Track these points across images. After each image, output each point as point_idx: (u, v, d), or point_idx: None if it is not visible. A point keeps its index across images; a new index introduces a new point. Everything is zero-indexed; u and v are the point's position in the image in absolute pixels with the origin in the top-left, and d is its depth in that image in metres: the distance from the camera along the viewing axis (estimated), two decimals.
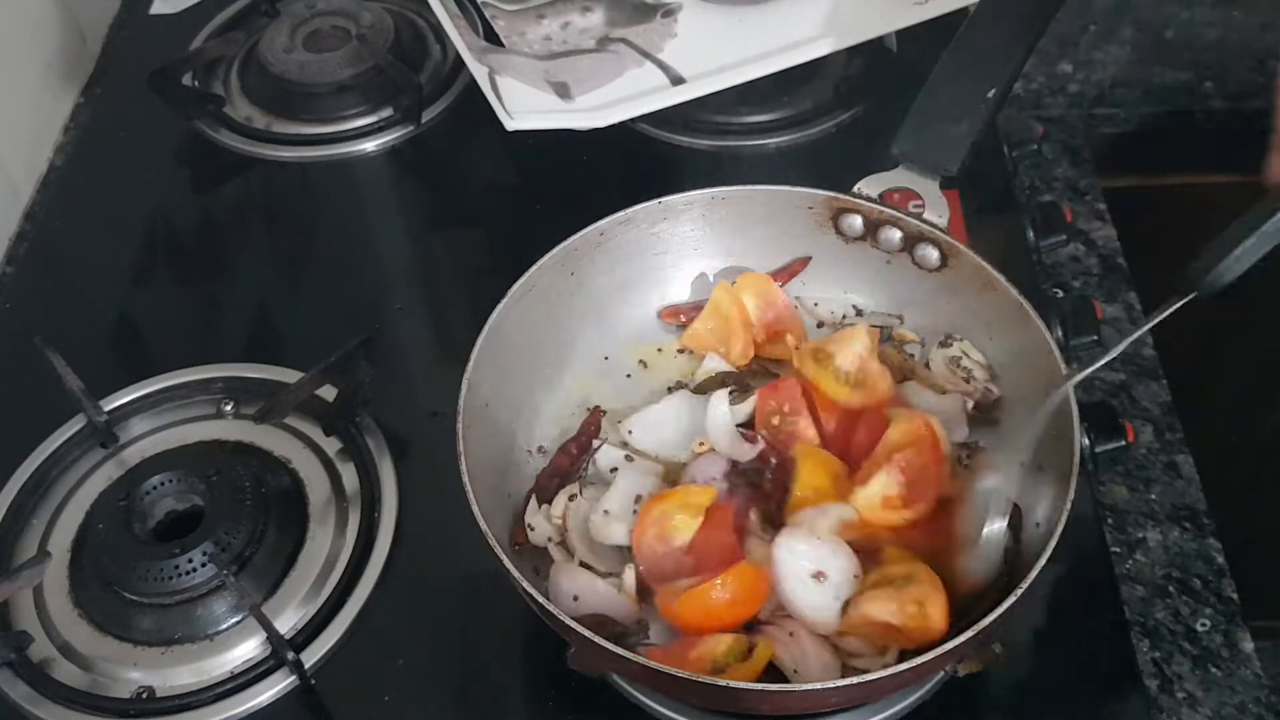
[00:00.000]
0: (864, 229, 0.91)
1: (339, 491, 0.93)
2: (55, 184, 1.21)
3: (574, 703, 0.81)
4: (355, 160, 1.21)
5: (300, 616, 0.86)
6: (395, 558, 0.89)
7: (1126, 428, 0.90)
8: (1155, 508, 0.92)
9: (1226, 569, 0.88)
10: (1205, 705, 0.82)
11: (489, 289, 0.86)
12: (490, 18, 1.21)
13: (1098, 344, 0.96)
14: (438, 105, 1.23)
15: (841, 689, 0.68)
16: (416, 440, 0.95)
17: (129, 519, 0.87)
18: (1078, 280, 1.06)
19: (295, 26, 1.28)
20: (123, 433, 0.98)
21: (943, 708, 0.79)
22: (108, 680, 0.84)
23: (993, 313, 0.86)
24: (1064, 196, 1.13)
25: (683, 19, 1.19)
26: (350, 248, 1.14)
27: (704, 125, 1.17)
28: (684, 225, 0.93)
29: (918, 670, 0.68)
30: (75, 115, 1.29)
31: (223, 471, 0.89)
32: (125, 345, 1.07)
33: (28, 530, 0.92)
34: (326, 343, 0.94)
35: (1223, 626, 0.85)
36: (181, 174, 1.22)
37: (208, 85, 1.28)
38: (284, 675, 0.83)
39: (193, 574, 0.84)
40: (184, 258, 1.15)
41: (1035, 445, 0.77)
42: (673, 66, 1.14)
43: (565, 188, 1.14)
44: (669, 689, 0.76)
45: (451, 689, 0.84)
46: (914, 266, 0.90)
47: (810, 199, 0.91)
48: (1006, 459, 0.78)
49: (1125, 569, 0.88)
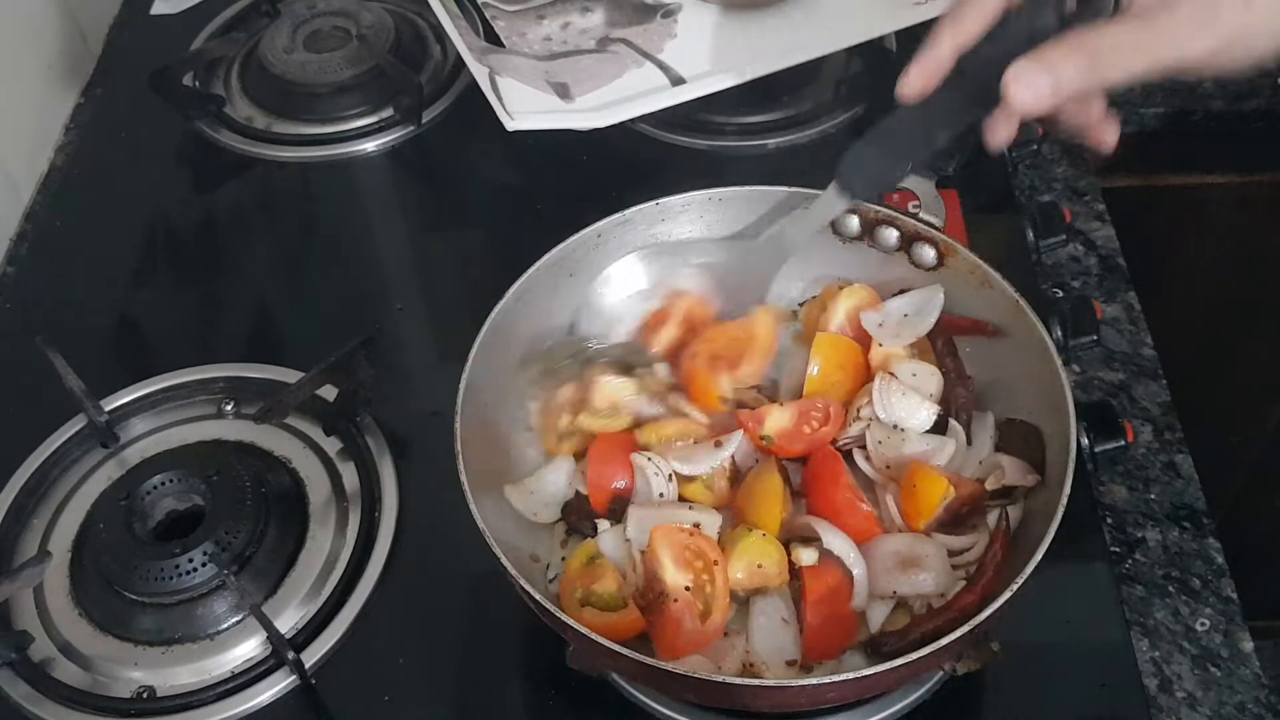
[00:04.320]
0: (861, 229, 0.91)
1: (339, 491, 0.93)
2: (56, 184, 1.22)
3: (574, 703, 0.81)
4: (355, 160, 1.21)
5: (300, 616, 0.86)
6: (395, 558, 0.89)
7: (1126, 427, 0.90)
8: (1155, 507, 0.92)
9: (1226, 569, 0.88)
10: (1204, 705, 0.82)
11: (489, 289, 0.86)
12: (490, 18, 1.21)
13: (1097, 344, 0.96)
14: (438, 105, 1.23)
15: (839, 684, 0.68)
16: (416, 440, 0.95)
17: (129, 519, 0.87)
18: (1077, 280, 1.06)
19: (296, 27, 1.28)
20: (123, 432, 0.98)
21: (942, 707, 0.79)
22: (108, 680, 0.84)
23: (990, 312, 0.86)
24: (1063, 196, 1.13)
25: (683, 19, 1.19)
26: (350, 248, 1.14)
27: (704, 125, 1.17)
28: (682, 226, 0.93)
29: (915, 667, 0.68)
30: (76, 115, 1.29)
31: (223, 471, 0.89)
32: (125, 345, 1.07)
33: (28, 530, 0.92)
34: (326, 343, 0.94)
35: (1222, 626, 0.85)
36: (182, 174, 1.22)
37: (208, 85, 1.28)
38: (284, 675, 0.83)
39: (193, 574, 0.85)
40: (184, 258, 1.15)
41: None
42: (673, 67, 1.14)
43: (565, 188, 1.14)
44: (669, 688, 0.77)
45: (451, 689, 0.84)
46: (911, 266, 0.90)
47: (808, 199, 0.91)
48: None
49: (1125, 569, 0.88)
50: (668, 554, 0.76)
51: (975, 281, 0.86)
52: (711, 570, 0.76)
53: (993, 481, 0.80)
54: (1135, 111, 1.25)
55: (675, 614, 0.74)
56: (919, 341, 0.88)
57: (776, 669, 0.75)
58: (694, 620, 0.74)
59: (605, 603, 0.75)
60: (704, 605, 0.75)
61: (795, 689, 0.69)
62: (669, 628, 0.74)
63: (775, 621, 0.76)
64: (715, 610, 0.75)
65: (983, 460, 0.82)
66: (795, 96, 1.19)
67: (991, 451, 0.83)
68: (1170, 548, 0.89)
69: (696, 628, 0.74)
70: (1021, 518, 0.79)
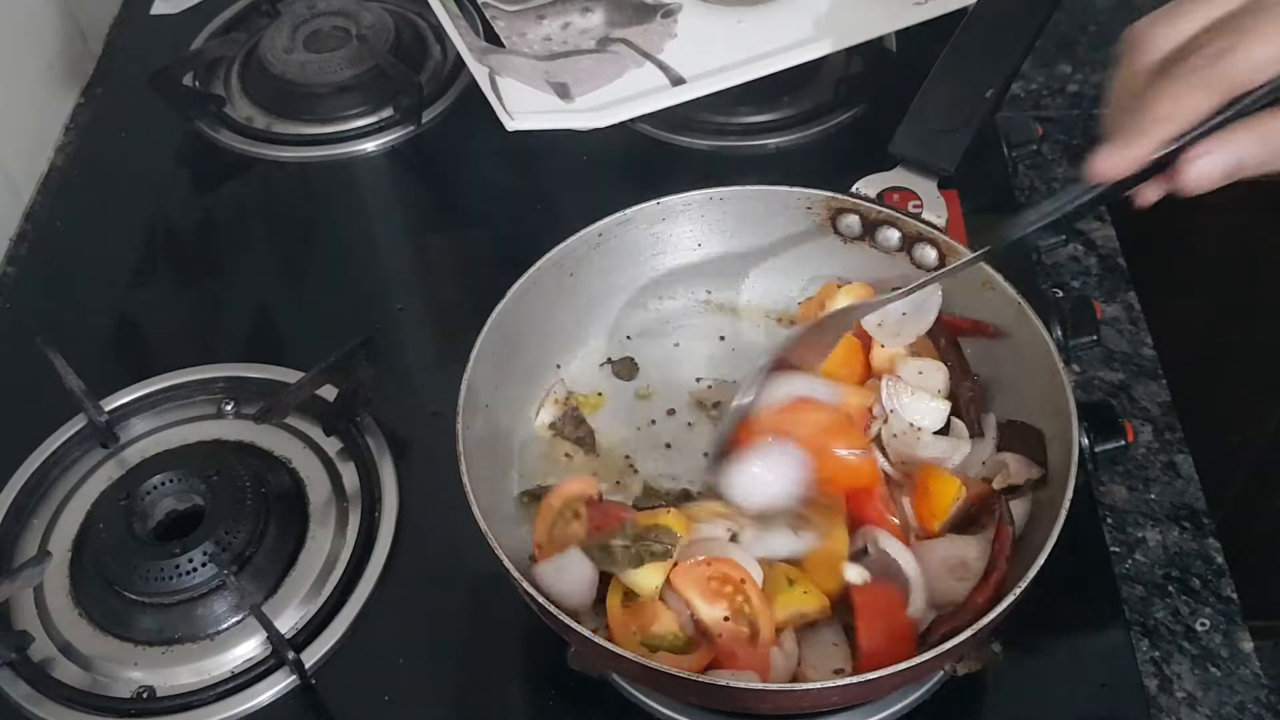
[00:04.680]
0: (862, 229, 0.91)
1: (339, 491, 0.93)
2: (56, 184, 1.21)
3: (574, 703, 0.81)
4: (355, 160, 1.21)
5: (300, 616, 0.86)
6: (395, 557, 0.89)
7: (1126, 427, 0.90)
8: (1155, 507, 0.92)
9: (1226, 569, 0.88)
10: (1204, 705, 0.82)
11: (489, 289, 0.86)
12: (490, 18, 1.21)
13: (1097, 344, 0.96)
14: (438, 105, 1.23)
15: (841, 688, 0.68)
16: (416, 440, 0.95)
17: (129, 519, 0.87)
18: (1077, 280, 1.07)
19: (296, 27, 1.28)
20: (123, 432, 0.98)
21: (942, 707, 0.79)
22: (108, 680, 0.84)
23: (991, 312, 0.86)
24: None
25: (683, 19, 1.19)
26: (350, 248, 1.14)
27: (704, 125, 1.17)
28: (683, 225, 0.93)
29: (917, 670, 0.68)
30: (76, 115, 1.29)
31: (223, 471, 0.89)
32: (125, 345, 1.07)
33: (28, 530, 0.92)
34: (326, 343, 0.94)
35: (1222, 626, 0.85)
36: (182, 174, 1.22)
37: (208, 85, 1.28)
38: (284, 675, 0.83)
39: (193, 574, 0.84)
40: (184, 258, 1.15)
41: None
42: (673, 67, 1.14)
43: (565, 188, 1.14)
44: (669, 689, 0.76)
45: (451, 689, 0.84)
46: (912, 266, 0.90)
47: (809, 199, 0.91)
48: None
49: (1125, 569, 0.88)
50: (693, 592, 0.75)
51: (976, 282, 0.86)
52: (743, 590, 0.75)
53: (1000, 481, 0.80)
54: None
55: (725, 647, 0.74)
56: (920, 341, 0.88)
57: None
58: (744, 646, 0.74)
59: (672, 645, 0.74)
60: (749, 627, 0.74)
61: (798, 693, 0.69)
62: (725, 661, 0.74)
63: (826, 647, 0.76)
64: (761, 628, 0.74)
65: (986, 460, 0.82)
66: (795, 96, 1.19)
67: (994, 451, 0.83)
68: (1170, 548, 0.89)
69: (748, 653, 0.73)
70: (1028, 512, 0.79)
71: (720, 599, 0.75)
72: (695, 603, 0.75)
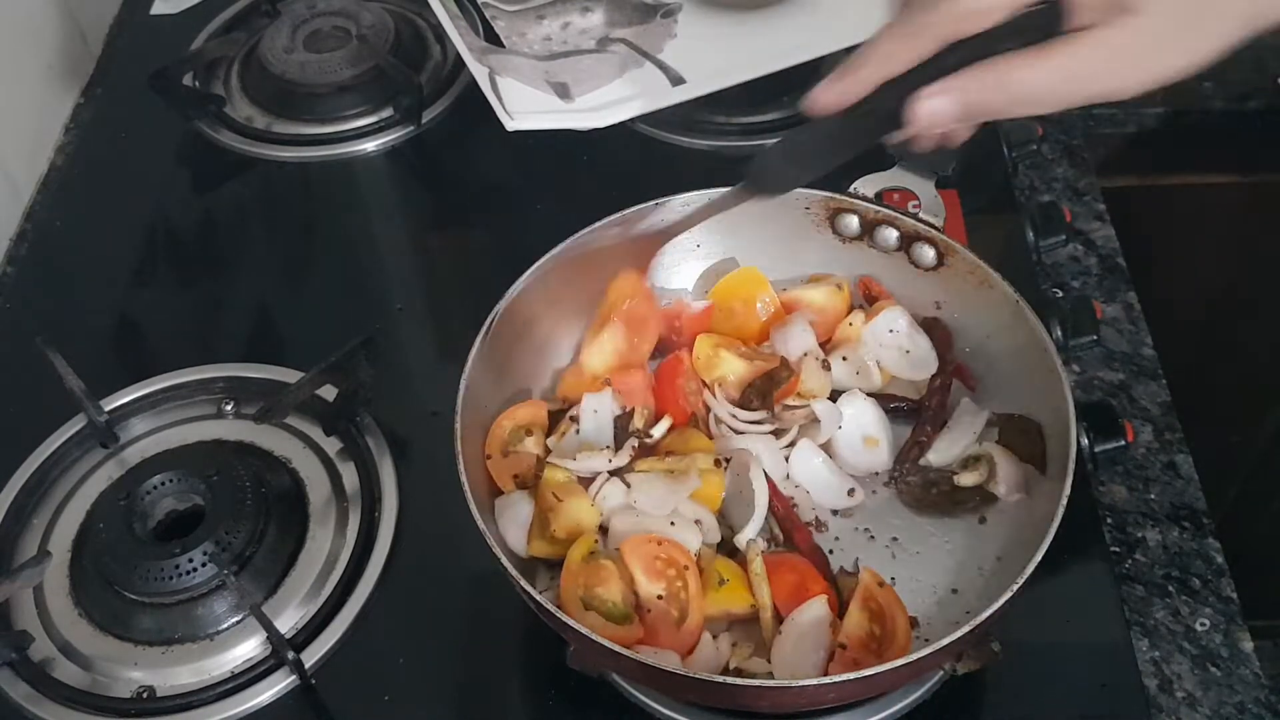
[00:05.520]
0: (861, 229, 0.91)
1: (339, 491, 0.93)
2: (55, 184, 1.22)
3: (574, 702, 0.81)
4: (355, 160, 1.21)
5: (300, 616, 0.86)
6: (395, 557, 0.89)
7: (1126, 427, 0.90)
8: (1154, 507, 0.92)
9: (1226, 569, 0.88)
10: (1204, 705, 0.82)
11: (489, 289, 0.86)
12: (490, 18, 1.21)
13: (1097, 344, 0.96)
14: (438, 105, 1.23)
15: (839, 685, 0.68)
16: (416, 440, 0.95)
17: (129, 519, 0.87)
18: (1077, 280, 1.07)
19: (295, 27, 1.28)
20: (123, 433, 0.98)
21: (942, 707, 0.79)
22: (108, 680, 0.84)
23: (989, 311, 0.86)
24: (1063, 196, 1.13)
25: (682, 19, 1.19)
26: (350, 248, 1.14)
27: (704, 125, 1.17)
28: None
29: (915, 667, 0.68)
30: (76, 115, 1.29)
31: (223, 471, 0.89)
32: (125, 345, 1.07)
33: (28, 530, 0.92)
34: (326, 343, 0.94)
35: (1222, 626, 0.85)
36: (182, 174, 1.22)
37: (208, 85, 1.28)
38: (284, 675, 0.83)
39: (193, 574, 0.85)
40: (184, 258, 1.15)
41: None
42: (673, 67, 1.14)
43: (565, 188, 1.14)
44: (669, 688, 0.77)
45: (451, 689, 0.84)
46: (911, 266, 0.90)
47: (807, 199, 0.91)
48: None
49: (1125, 569, 0.88)
50: (638, 565, 0.77)
51: (975, 281, 0.86)
52: (684, 575, 0.76)
53: (968, 478, 0.81)
54: (1135, 111, 1.25)
55: (651, 624, 0.76)
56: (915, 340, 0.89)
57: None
58: (669, 626, 0.75)
59: (610, 612, 0.75)
60: (679, 611, 0.76)
61: (795, 689, 0.69)
62: (648, 639, 0.76)
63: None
64: (690, 614, 0.76)
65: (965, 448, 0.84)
66: (795, 96, 1.18)
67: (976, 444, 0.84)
68: (1170, 548, 0.89)
69: (671, 633, 0.75)
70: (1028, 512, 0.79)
71: (660, 579, 0.77)
72: (638, 576, 0.77)
